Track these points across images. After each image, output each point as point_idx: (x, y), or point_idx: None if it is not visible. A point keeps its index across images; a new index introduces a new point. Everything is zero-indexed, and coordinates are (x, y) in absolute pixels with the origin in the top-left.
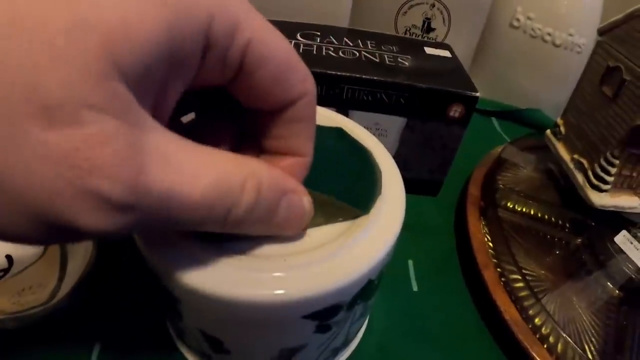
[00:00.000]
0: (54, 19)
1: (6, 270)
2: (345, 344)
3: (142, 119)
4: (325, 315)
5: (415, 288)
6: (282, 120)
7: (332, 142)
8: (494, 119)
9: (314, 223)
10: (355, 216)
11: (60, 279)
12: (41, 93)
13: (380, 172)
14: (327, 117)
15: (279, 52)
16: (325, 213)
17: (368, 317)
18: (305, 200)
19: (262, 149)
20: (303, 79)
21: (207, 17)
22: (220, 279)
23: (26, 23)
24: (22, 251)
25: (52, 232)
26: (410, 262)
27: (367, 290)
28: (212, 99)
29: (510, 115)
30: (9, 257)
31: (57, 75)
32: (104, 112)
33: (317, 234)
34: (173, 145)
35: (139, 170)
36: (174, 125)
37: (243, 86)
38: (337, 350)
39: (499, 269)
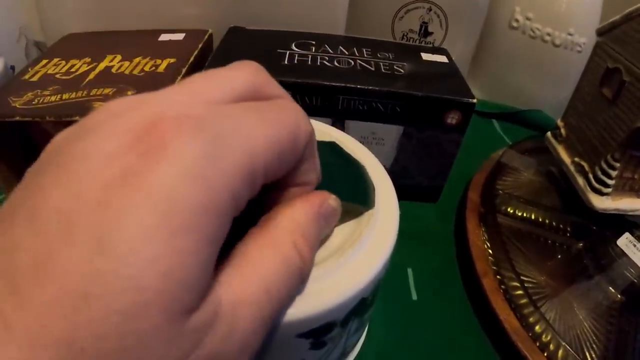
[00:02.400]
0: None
1: None
2: (343, 356)
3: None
4: (319, 333)
5: (414, 297)
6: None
7: (326, 156)
8: (494, 121)
9: None
10: (360, 213)
11: None
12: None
13: (373, 187)
14: (320, 130)
15: (285, 143)
16: None
17: (367, 328)
18: (332, 202)
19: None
20: (304, 133)
21: (231, 197)
22: None
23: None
24: None
25: None
26: (409, 271)
27: (360, 307)
28: None
29: (511, 117)
30: None
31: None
32: (194, 351)
33: None
34: (239, 290)
35: (243, 338)
36: None
37: None
38: None
39: (498, 277)
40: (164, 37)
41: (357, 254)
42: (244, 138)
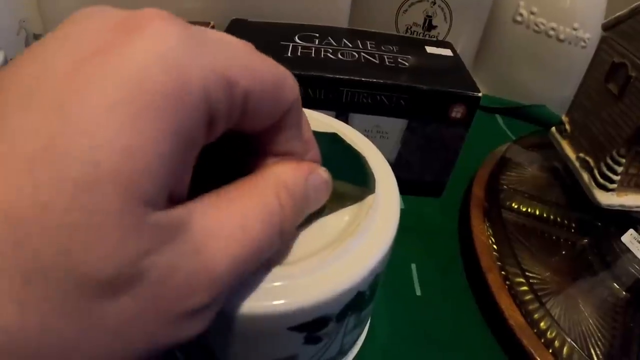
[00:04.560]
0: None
1: None
2: (342, 353)
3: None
4: (313, 327)
5: (418, 292)
6: (271, 132)
7: (327, 147)
8: (498, 116)
9: (326, 212)
10: (362, 197)
11: None
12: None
13: (374, 179)
14: (323, 122)
15: (268, 83)
16: (333, 200)
17: (369, 324)
18: (321, 172)
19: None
20: (289, 91)
21: (204, 96)
22: None
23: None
24: None
25: None
26: (413, 266)
27: (357, 302)
28: None
29: (515, 112)
30: None
31: (97, 251)
32: (152, 253)
33: (306, 244)
34: (213, 219)
35: (210, 270)
36: None
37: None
38: None
39: (503, 272)
40: None
41: (355, 246)
42: (227, 49)
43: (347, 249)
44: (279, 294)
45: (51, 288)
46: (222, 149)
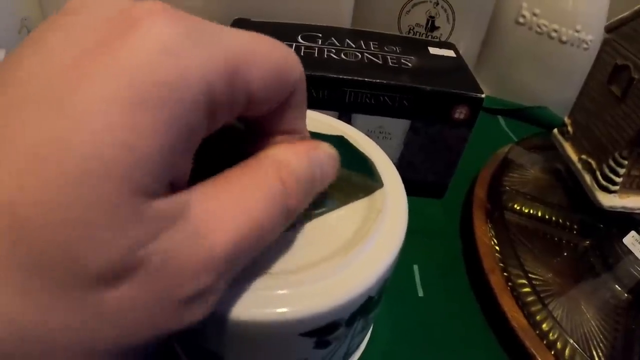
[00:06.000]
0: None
1: None
2: (348, 355)
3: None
4: (323, 332)
5: (420, 294)
6: (276, 113)
7: None
8: (500, 117)
9: (337, 204)
10: (372, 190)
11: None
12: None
13: (382, 182)
14: (328, 124)
15: (271, 66)
16: (343, 193)
17: (372, 326)
18: (325, 147)
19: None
20: (293, 71)
21: (205, 88)
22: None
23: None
24: None
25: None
26: (415, 267)
27: (367, 306)
28: None
29: (517, 114)
30: None
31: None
32: (151, 241)
33: (317, 249)
34: (213, 202)
35: (211, 251)
36: None
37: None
38: None
39: (505, 274)
40: None
41: (365, 251)
42: (228, 39)
43: (358, 254)
44: (291, 301)
45: (52, 281)
46: (225, 130)
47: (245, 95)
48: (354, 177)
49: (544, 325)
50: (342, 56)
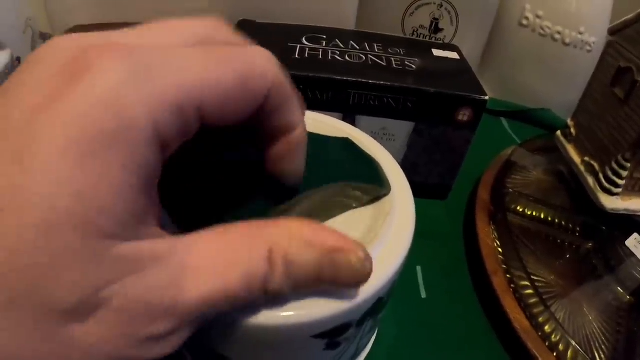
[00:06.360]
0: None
1: None
2: (356, 355)
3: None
4: (334, 333)
5: (424, 295)
6: (261, 116)
7: (339, 153)
8: (503, 119)
9: (338, 211)
10: (378, 196)
11: None
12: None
13: (389, 185)
14: (332, 126)
15: (228, 84)
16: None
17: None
18: (355, 257)
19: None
20: (260, 79)
21: (152, 126)
22: None
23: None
24: None
25: None
26: (418, 269)
27: (377, 307)
28: None
29: (520, 116)
30: None
31: (64, 278)
32: (113, 282)
33: None
34: (195, 260)
35: (178, 304)
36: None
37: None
38: None
39: (508, 275)
40: None
41: (375, 254)
42: (175, 71)
43: None
44: (303, 304)
45: (25, 316)
46: (225, 132)
47: (197, 119)
48: (360, 188)
49: (546, 327)
50: (347, 58)
